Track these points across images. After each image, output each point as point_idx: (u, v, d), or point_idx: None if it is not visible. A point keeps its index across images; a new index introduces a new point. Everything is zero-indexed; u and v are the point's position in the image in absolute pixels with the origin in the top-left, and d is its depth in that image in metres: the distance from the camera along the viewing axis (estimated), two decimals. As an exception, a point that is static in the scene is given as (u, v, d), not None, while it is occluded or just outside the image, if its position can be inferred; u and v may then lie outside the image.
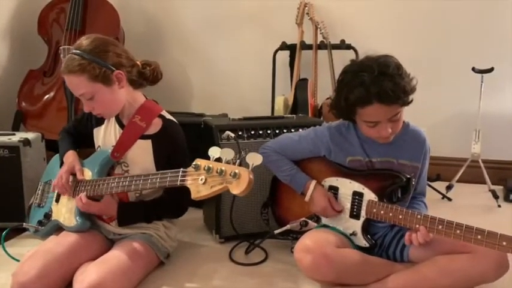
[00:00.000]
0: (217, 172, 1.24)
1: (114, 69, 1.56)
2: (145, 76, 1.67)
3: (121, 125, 1.68)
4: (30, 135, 2.16)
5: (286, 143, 1.73)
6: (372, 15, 2.88)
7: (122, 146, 1.63)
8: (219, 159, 1.27)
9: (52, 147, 2.32)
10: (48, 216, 1.70)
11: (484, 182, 2.53)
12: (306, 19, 2.82)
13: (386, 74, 1.43)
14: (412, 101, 1.48)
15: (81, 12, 2.77)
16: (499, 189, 2.55)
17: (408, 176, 1.56)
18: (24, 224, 1.78)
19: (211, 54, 3.16)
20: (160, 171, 1.44)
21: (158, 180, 1.42)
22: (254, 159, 1.24)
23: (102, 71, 1.54)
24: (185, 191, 1.33)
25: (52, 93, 2.77)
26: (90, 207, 1.59)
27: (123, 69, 1.59)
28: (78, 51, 1.55)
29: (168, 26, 3.19)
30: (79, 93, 1.56)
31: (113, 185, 1.53)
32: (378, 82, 1.42)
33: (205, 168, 1.27)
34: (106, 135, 1.70)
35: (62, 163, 1.70)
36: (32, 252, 1.53)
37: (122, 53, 1.61)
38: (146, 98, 1.71)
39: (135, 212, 1.65)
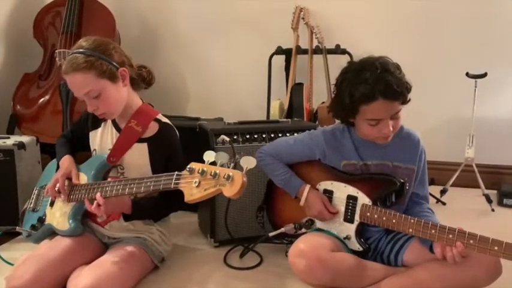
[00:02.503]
0: (211, 175, 1.25)
1: (118, 66, 1.57)
2: (143, 77, 1.69)
3: (117, 128, 1.68)
4: (25, 139, 2.16)
5: (282, 147, 1.73)
6: (367, 20, 2.89)
7: (118, 151, 1.63)
8: (213, 163, 1.28)
9: (47, 151, 2.32)
10: (41, 220, 1.69)
11: (478, 186, 2.54)
12: (301, 24, 2.83)
13: (389, 71, 1.47)
14: (410, 100, 1.51)
15: (77, 15, 2.77)
16: (492, 193, 2.56)
17: (402, 181, 1.56)
18: (17, 228, 1.76)
19: (207, 58, 3.16)
20: (155, 175, 1.44)
21: (152, 183, 1.42)
22: (248, 162, 1.26)
23: (109, 68, 1.54)
24: (178, 193, 1.33)
25: (47, 97, 2.76)
26: (109, 207, 1.52)
27: (126, 66, 1.60)
28: (81, 50, 1.54)
29: (164, 30, 3.19)
30: (85, 91, 1.53)
31: (107, 188, 1.52)
32: (382, 78, 1.45)
33: (200, 171, 1.27)
34: (103, 139, 1.70)
35: (58, 168, 1.69)
36: (25, 257, 1.52)
37: (121, 52, 1.62)
38: (143, 102, 1.72)
39: (145, 206, 1.63)
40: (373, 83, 1.45)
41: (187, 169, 1.30)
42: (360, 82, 1.47)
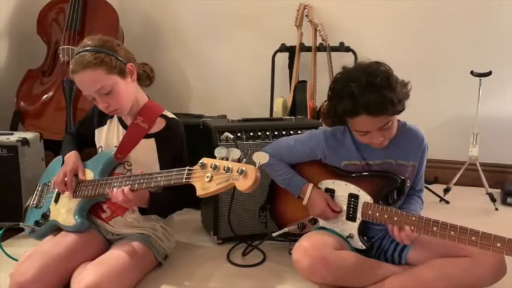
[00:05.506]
0: (224, 169, 1.25)
1: (125, 62, 1.58)
2: (147, 73, 1.70)
3: (123, 125, 1.68)
4: (28, 135, 2.16)
5: (283, 147, 1.72)
6: (371, 18, 2.89)
7: (125, 148, 1.63)
8: (224, 159, 1.28)
9: (50, 147, 2.33)
10: (46, 216, 1.69)
11: (482, 185, 2.54)
12: (305, 21, 2.82)
13: (374, 85, 1.41)
14: (404, 109, 1.47)
15: (80, 12, 2.77)
16: (496, 192, 2.56)
17: (403, 178, 1.56)
18: (20, 224, 1.76)
19: (210, 55, 3.16)
20: (165, 170, 1.44)
21: (163, 179, 1.42)
22: (261, 157, 1.25)
23: (118, 63, 1.55)
24: (189, 188, 1.33)
25: (51, 93, 2.76)
26: (134, 199, 1.50)
27: (132, 62, 1.61)
28: (87, 48, 1.54)
29: (167, 28, 3.19)
30: (97, 87, 1.52)
31: (115, 184, 1.53)
32: (364, 94, 1.40)
33: (212, 166, 1.27)
34: (108, 136, 1.70)
35: (63, 163, 1.69)
36: (29, 253, 1.53)
37: (125, 49, 1.63)
38: (148, 98, 1.72)
39: (162, 199, 1.63)
40: (355, 98, 1.41)
41: (199, 164, 1.31)
42: (344, 96, 1.45)
